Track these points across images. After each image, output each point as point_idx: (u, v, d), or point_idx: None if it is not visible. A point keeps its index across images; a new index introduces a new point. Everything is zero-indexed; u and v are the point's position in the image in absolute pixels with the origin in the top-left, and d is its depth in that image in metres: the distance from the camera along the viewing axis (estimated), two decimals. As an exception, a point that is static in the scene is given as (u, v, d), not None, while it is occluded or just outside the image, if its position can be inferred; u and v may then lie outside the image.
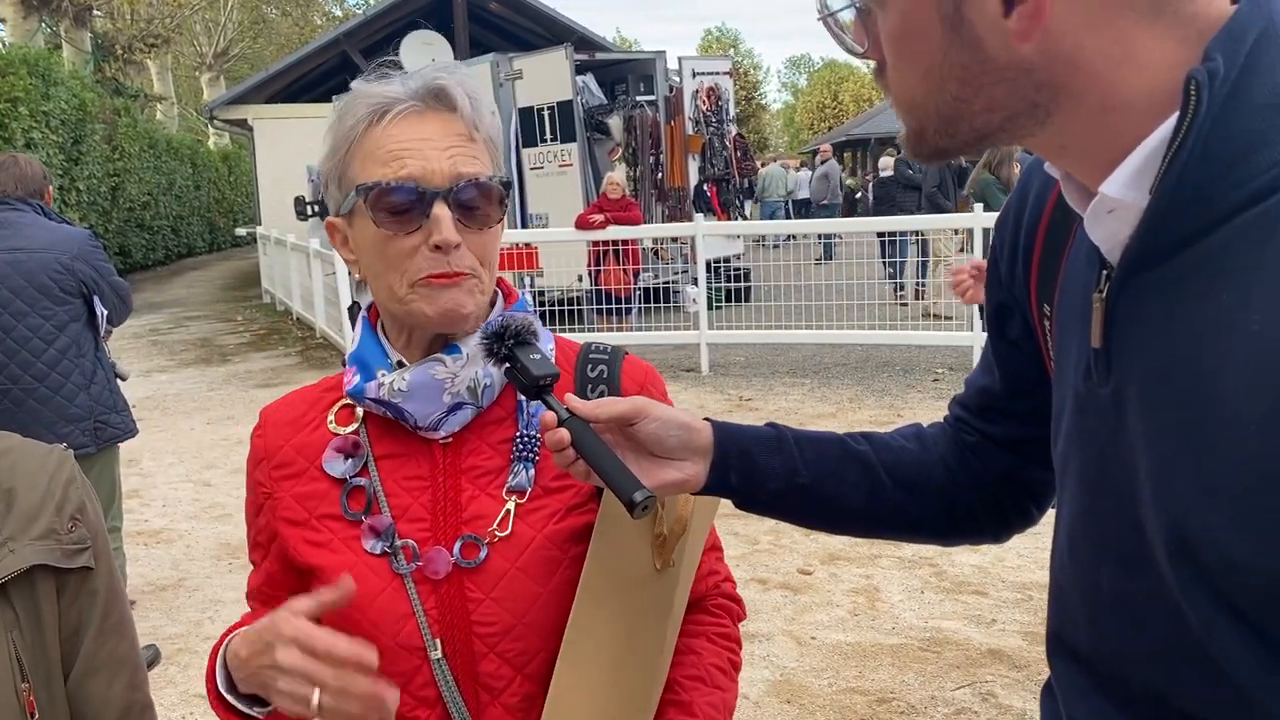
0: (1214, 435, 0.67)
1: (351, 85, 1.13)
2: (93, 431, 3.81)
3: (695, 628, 1.23)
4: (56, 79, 15.96)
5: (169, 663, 4.04)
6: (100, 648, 1.20)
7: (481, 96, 1.13)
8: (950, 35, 0.72)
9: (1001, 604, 4.25)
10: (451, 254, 1.07)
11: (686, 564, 1.17)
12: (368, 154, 1.09)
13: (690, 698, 1.16)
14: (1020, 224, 0.97)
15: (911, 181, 12.98)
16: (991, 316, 1.06)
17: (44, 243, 3.75)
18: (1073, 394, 0.82)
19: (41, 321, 3.71)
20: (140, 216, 21.47)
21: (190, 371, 10.54)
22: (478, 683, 1.11)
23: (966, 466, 1.12)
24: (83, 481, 1.22)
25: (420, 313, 1.09)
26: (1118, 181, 0.71)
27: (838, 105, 56.42)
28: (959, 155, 0.80)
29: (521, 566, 1.11)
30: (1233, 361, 0.66)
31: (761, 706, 3.52)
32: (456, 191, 1.07)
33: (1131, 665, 0.79)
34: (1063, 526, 0.87)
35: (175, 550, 5.26)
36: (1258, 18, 0.68)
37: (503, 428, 1.16)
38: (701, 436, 1.05)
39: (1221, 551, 0.67)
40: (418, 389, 1.11)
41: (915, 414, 7.27)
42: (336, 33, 19.68)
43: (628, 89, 13.25)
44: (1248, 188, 0.67)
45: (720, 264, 11.10)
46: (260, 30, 37.94)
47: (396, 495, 1.14)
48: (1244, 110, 0.67)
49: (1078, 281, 0.84)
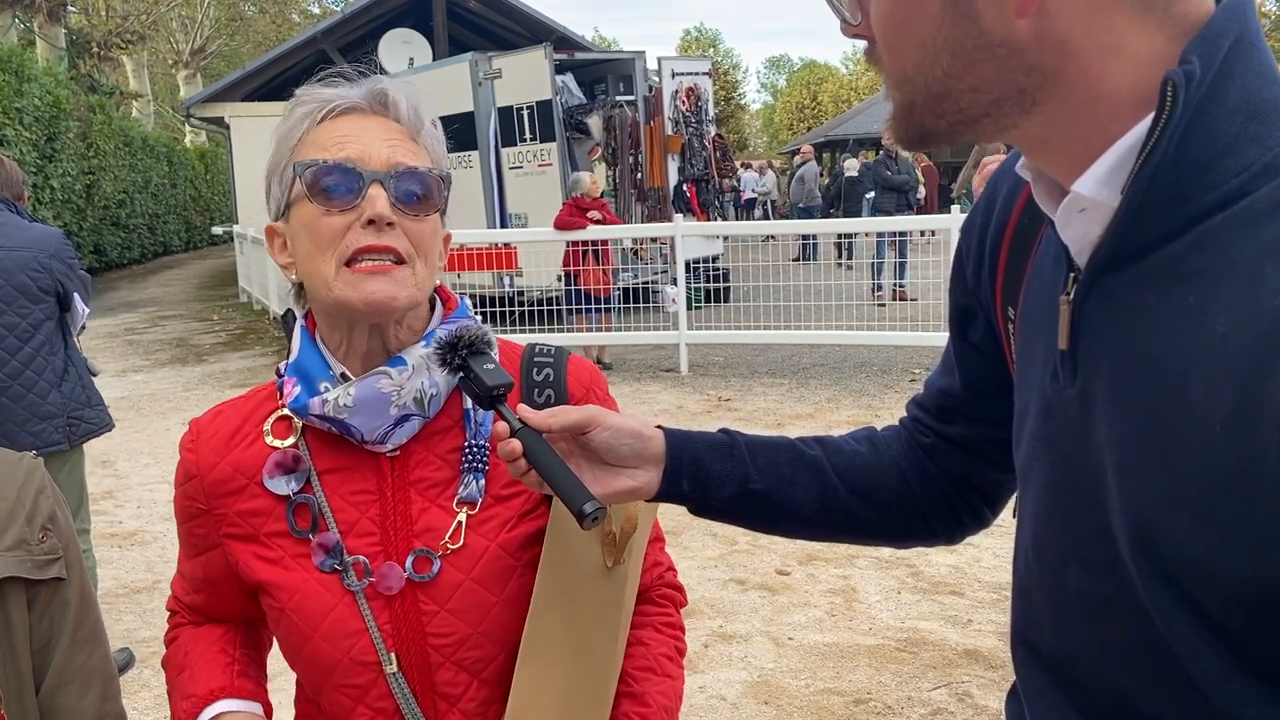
0: (1179, 436, 0.67)
1: (296, 91, 1.13)
2: (66, 428, 3.81)
3: (642, 619, 1.25)
4: (30, 75, 15.80)
5: (143, 665, 4.01)
6: (72, 659, 1.19)
7: (425, 108, 1.13)
8: (948, 7, 0.73)
9: (978, 604, 4.27)
10: (384, 230, 1.06)
11: (634, 559, 1.19)
12: (310, 144, 1.09)
13: (643, 689, 1.18)
14: (987, 227, 0.97)
15: (890, 182, 13.04)
16: (954, 318, 1.06)
17: (21, 241, 3.74)
18: (1038, 396, 0.83)
19: (18, 320, 3.70)
20: (116, 215, 21.29)
21: (166, 371, 10.46)
22: (435, 692, 1.11)
23: (920, 469, 1.12)
24: (53, 491, 1.21)
25: (346, 300, 1.06)
26: (1091, 180, 0.72)
27: (817, 106, 56.54)
28: (943, 140, 0.80)
29: (476, 578, 1.11)
30: (1198, 363, 0.66)
31: (739, 708, 3.52)
32: (395, 178, 1.07)
33: (1095, 667, 0.79)
34: (1027, 528, 0.87)
35: (150, 552, 5.21)
36: (1234, 22, 0.68)
37: (449, 437, 1.15)
38: (654, 444, 1.06)
39: (1184, 552, 0.68)
40: (363, 403, 1.09)
41: (893, 414, 7.30)
42: (314, 31, 19.57)
43: (607, 89, 13.24)
44: (1218, 191, 0.67)
45: (700, 264, 11.12)
46: (237, 28, 37.64)
47: (343, 510, 1.12)
48: (1217, 114, 0.67)
49: (1044, 284, 0.84)
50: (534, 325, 10.31)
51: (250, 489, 1.15)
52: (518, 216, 12.15)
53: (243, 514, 1.15)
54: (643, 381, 8.88)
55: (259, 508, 1.14)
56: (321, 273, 1.07)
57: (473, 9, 17.76)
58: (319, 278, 1.08)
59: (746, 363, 9.49)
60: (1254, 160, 0.67)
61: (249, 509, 1.15)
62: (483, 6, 17.80)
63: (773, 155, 39.93)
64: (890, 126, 0.82)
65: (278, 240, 1.15)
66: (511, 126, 12.05)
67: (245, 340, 12.40)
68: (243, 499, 1.15)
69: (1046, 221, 0.80)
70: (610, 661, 1.16)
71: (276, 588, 1.12)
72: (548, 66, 11.63)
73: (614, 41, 66.59)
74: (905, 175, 13.12)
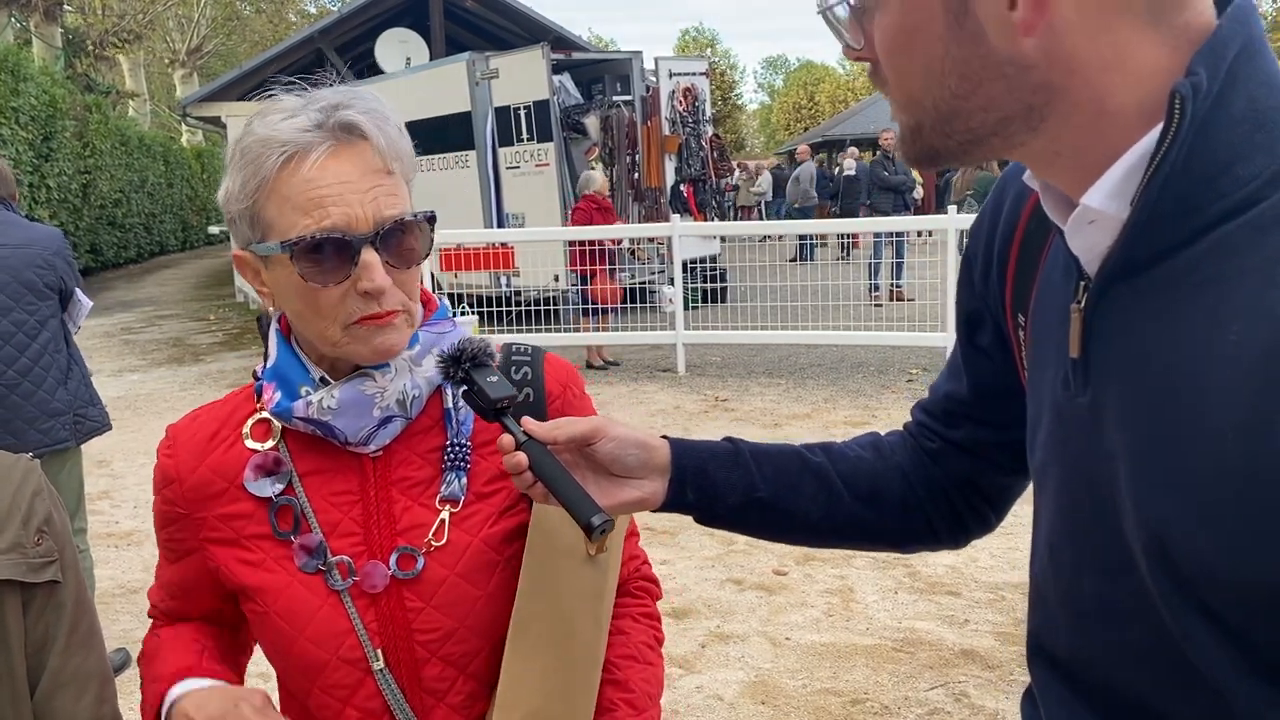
0: (1191, 444, 0.67)
1: (251, 120, 1.08)
2: (73, 425, 3.82)
3: (620, 610, 1.26)
4: (26, 75, 15.77)
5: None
6: (67, 662, 1.18)
7: (388, 116, 1.08)
8: (953, 28, 0.73)
9: (974, 604, 4.27)
10: (382, 296, 1.06)
11: (615, 548, 1.22)
12: (284, 199, 1.04)
13: (626, 675, 1.21)
14: (995, 233, 0.97)
15: (887, 183, 13.05)
16: (962, 323, 1.06)
17: (24, 239, 3.73)
18: (1050, 404, 0.83)
19: (26, 317, 3.69)
20: (112, 214, 21.25)
21: (162, 371, 10.45)
22: (422, 687, 1.12)
23: (925, 474, 1.13)
24: (50, 493, 1.21)
25: (355, 353, 1.09)
26: (1100, 192, 0.72)
27: (814, 106, 56.56)
28: (952, 160, 0.80)
29: (460, 573, 1.12)
30: (1210, 371, 0.67)
31: (736, 708, 3.52)
32: (383, 235, 1.05)
33: (1111, 670, 0.79)
34: (1042, 533, 0.87)
35: (146, 552, 5.21)
36: (1239, 32, 0.69)
37: (430, 436, 1.16)
38: (659, 455, 1.06)
39: (1198, 558, 0.68)
40: (348, 405, 1.10)
41: (889, 414, 7.31)
42: (311, 30, 19.52)
43: (604, 89, 13.23)
44: (1228, 200, 0.68)
45: (697, 264, 11.12)
46: (234, 27, 37.60)
47: (325, 511, 1.13)
48: (1224, 124, 0.67)
49: (1054, 293, 0.84)
50: (531, 325, 10.30)
51: (230, 492, 1.15)
52: (515, 216, 12.15)
53: (223, 518, 1.15)
54: (639, 381, 8.88)
55: (240, 510, 1.14)
56: (323, 333, 1.08)
57: (470, 9, 17.74)
58: (317, 334, 1.09)
59: (743, 363, 9.49)
60: (1262, 169, 0.67)
61: (229, 512, 1.15)
62: (480, 6, 17.77)
63: (768, 155, 39.89)
64: (899, 148, 0.82)
65: (248, 270, 1.12)
66: (509, 126, 12.04)
67: (241, 340, 12.38)
68: (222, 502, 1.15)
69: (1055, 228, 0.80)
70: (595, 647, 1.18)
71: (259, 591, 1.12)
72: (545, 66, 11.62)
73: (611, 41, 66.57)
74: (902, 176, 13.12)
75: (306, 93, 1.08)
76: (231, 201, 1.09)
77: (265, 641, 1.15)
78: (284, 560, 1.12)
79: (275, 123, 1.05)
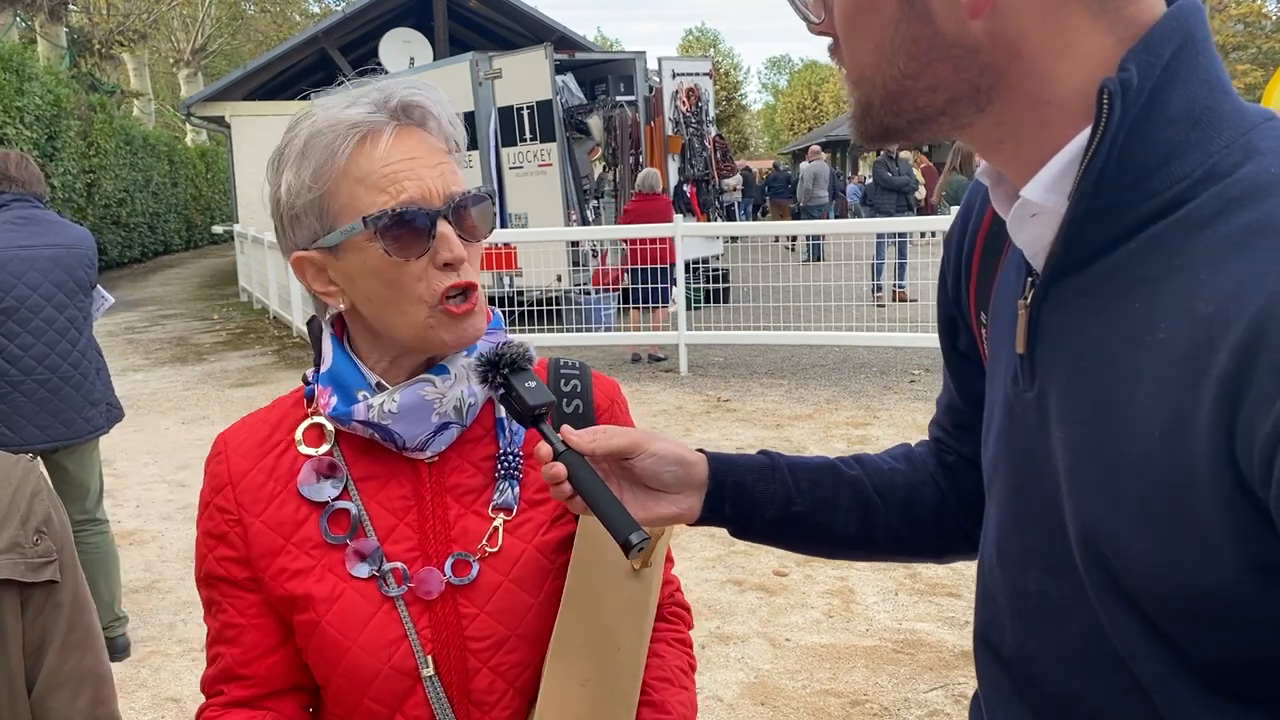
0: (1122, 441, 0.68)
1: (314, 108, 1.09)
2: (106, 413, 4.10)
3: (655, 634, 1.25)
4: (31, 74, 15.80)
5: (140, 665, 4.01)
6: (64, 662, 1.19)
7: (444, 101, 1.11)
8: (904, 8, 0.73)
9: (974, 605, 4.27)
10: (461, 268, 1.07)
11: (658, 564, 1.21)
12: (357, 181, 1.05)
13: (663, 697, 1.19)
14: (964, 236, 0.98)
15: (890, 184, 13.04)
16: (944, 331, 1.06)
17: (73, 239, 4.01)
18: (1002, 399, 0.84)
19: (77, 313, 3.99)
20: (116, 213, 21.28)
21: (165, 370, 10.46)
22: (470, 700, 1.11)
23: (954, 484, 1.12)
24: (49, 493, 1.21)
25: (440, 340, 1.08)
26: (1039, 185, 0.72)
27: (818, 106, 56.53)
28: (902, 138, 0.81)
29: (514, 579, 1.12)
30: (1141, 370, 0.67)
31: (736, 709, 3.53)
32: (454, 208, 1.06)
33: (1051, 668, 0.80)
34: (991, 530, 0.88)
35: (148, 552, 5.22)
36: (1177, 31, 0.69)
37: (482, 445, 1.16)
38: (698, 471, 1.05)
39: (1127, 558, 0.69)
40: (407, 410, 1.10)
41: (892, 415, 7.31)
42: (315, 30, 19.58)
43: (608, 89, 13.24)
44: (1160, 198, 0.68)
45: (699, 264, 11.11)
46: (238, 27, 37.67)
47: (380, 517, 1.12)
48: (1158, 122, 0.68)
49: (1008, 289, 0.85)
50: (533, 325, 10.30)
51: (282, 496, 1.14)
52: (517, 217, 12.15)
53: (271, 523, 1.13)
54: (641, 382, 8.88)
55: (290, 516, 1.13)
56: (410, 317, 1.07)
57: (473, 9, 17.76)
58: (404, 321, 1.07)
59: (746, 363, 9.49)
60: (1195, 167, 0.67)
61: (279, 518, 1.13)
62: (483, 6, 17.80)
63: (772, 155, 39.83)
64: (852, 124, 0.82)
65: (311, 269, 1.11)
66: (512, 126, 12.05)
67: (245, 339, 12.40)
68: (273, 507, 1.13)
69: None
70: (635, 661, 1.17)
71: (311, 599, 1.10)
72: (548, 66, 11.63)
73: (615, 41, 66.61)
74: (905, 176, 13.12)
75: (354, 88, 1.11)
76: (297, 195, 1.07)
77: (312, 653, 1.12)
78: (335, 566, 1.11)
79: (339, 111, 1.07)
